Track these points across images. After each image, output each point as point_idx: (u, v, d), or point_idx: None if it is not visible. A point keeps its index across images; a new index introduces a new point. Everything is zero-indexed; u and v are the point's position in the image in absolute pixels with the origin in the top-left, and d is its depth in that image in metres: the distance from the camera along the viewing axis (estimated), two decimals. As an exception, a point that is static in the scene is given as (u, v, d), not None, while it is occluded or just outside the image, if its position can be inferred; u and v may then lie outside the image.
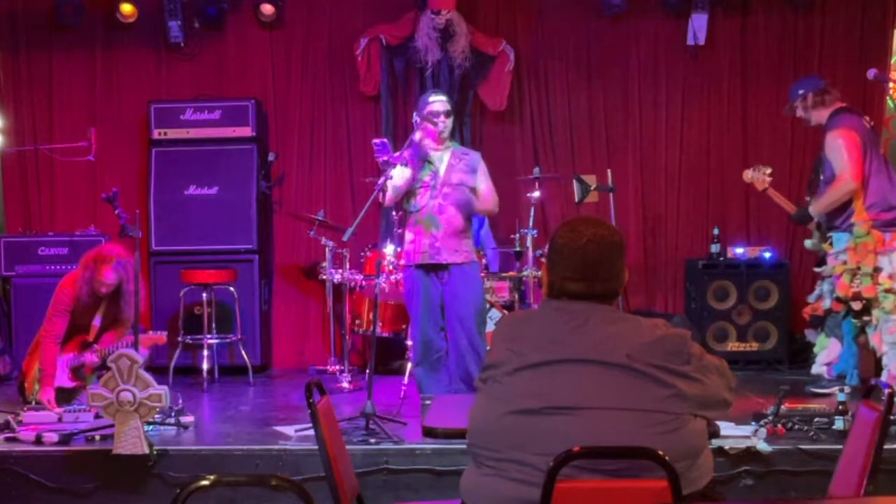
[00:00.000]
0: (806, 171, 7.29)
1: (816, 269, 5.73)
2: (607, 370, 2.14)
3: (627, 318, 2.25)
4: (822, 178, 5.46)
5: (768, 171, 5.93)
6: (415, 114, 5.11)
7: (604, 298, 2.26)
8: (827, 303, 5.49)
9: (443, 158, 5.09)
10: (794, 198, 6.25)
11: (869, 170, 5.27)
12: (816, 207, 5.47)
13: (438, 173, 5.04)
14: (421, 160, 5.04)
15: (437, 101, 5.07)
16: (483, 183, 5.14)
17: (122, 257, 5.33)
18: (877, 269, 5.19)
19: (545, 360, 2.18)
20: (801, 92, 5.53)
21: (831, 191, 5.31)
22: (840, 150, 5.25)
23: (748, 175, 6.01)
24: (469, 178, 5.08)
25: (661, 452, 2.01)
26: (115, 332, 5.50)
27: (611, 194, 6.42)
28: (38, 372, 5.38)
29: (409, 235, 5.09)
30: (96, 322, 5.49)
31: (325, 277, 6.51)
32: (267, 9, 7.31)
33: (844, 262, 5.28)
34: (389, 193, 4.89)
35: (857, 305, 5.26)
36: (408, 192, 5.04)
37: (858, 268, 5.22)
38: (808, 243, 5.82)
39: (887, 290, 5.19)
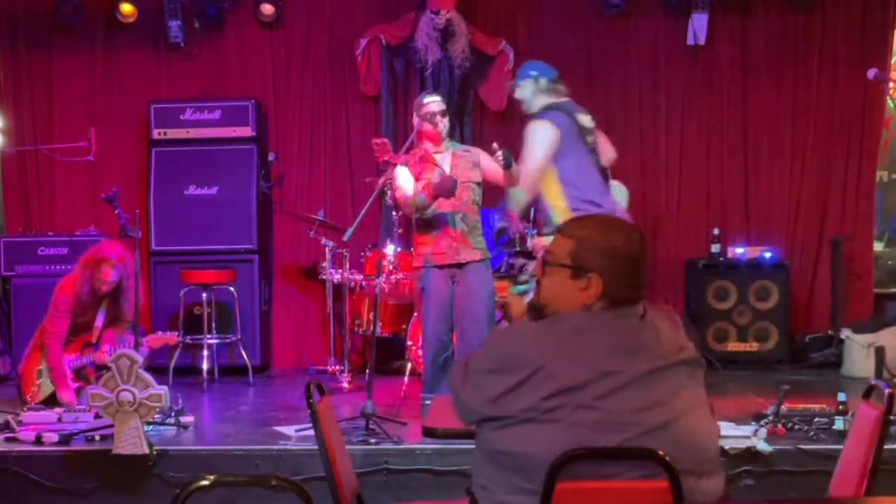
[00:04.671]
0: (807, 171, 7.31)
1: None
2: (678, 368, 2.12)
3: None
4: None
5: None
6: (414, 115, 5.09)
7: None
8: None
9: (445, 159, 5.08)
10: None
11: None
12: None
13: (447, 173, 5.02)
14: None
15: (433, 102, 5.04)
16: (490, 161, 4.94)
17: (121, 255, 5.34)
18: None
19: (643, 371, 2.06)
20: (533, 73, 5.16)
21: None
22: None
23: None
24: (475, 174, 5.05)
25: (661, 453, 2.00)
26: (116, 330, 5.51)
27: (611, 194, 6.40)
28: (47, 372, 5.39)
29: (423, 237, 5.01)
30: (98, 323, 5.49)
31: (325, 277, 6.51)
32: (267, 9, 7.31)
33: None
34: (412, 202, 4.86)
35: None
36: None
37: None
38: None
39: None
